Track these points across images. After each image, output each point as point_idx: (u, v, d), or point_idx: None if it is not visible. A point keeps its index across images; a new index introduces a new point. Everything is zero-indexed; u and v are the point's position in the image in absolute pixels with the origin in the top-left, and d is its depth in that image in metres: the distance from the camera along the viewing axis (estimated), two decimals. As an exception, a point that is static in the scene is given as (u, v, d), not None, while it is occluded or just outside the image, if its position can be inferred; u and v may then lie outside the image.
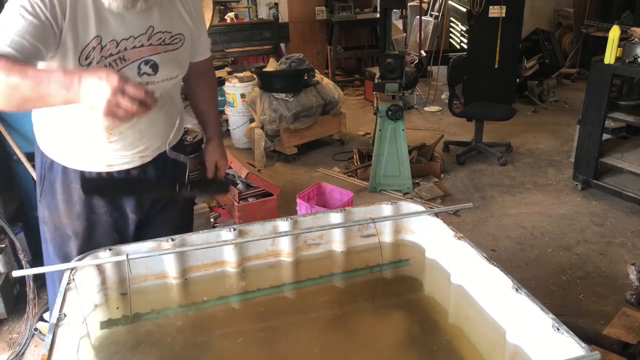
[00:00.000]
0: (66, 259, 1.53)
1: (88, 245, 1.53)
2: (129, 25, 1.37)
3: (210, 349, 1.34)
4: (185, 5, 1.51)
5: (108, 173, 1.52)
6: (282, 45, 7.01)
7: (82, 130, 1.44)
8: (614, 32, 3.50)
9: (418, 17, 7.23)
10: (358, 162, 4.45)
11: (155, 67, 1.44)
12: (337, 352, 1.33)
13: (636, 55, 3.45)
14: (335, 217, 1.63)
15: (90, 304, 1.41)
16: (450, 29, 7.61)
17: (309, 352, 1.33)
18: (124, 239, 1.58)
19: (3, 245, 2.72)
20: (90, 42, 1.32)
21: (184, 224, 1.78)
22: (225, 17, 7.27)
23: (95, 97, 1.08)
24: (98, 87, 1.07)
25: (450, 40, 7.66)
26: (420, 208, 1.67)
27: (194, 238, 1.50)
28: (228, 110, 5.14)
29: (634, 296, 2.62)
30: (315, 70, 5.07)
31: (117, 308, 1.43)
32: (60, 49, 1.30)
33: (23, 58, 1.18)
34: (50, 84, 1.11)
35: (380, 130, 3.93)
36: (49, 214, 1.56)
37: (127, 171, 1.53)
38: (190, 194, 1.70)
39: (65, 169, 1.51)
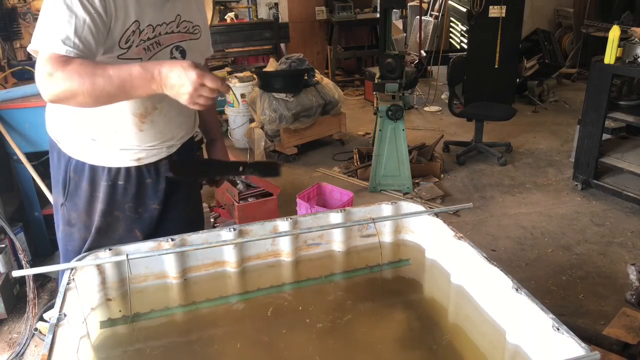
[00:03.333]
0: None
1: (109, 243, 1.51)
2: (161, 13, 1.44)
3: (210, 348, 1.34)
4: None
5: (171, 164, 1.57)
6: (282, 45, 7.00)
7: (113, 123, 1.46)
8: (614, 32, 3.50)
9: (418, 17, 7.22)
10: (358, 162, 4.45)
11: (183, 53, 1.52)
12: (338, 352, 1.33)
13: (636, 55, 3.45)
14: (335, 217, 1.63)
15: (90, 304, 1.41)
16: (450, 29, 7.61)
17: (308, 352, 1.33)
18: (146, 238, 1.57)
19: (3, 245, 2.72)
20: (130, 26, 1.37)
21: (197, 217, 1.83)
22: (225, 17, 7.27)
23: (178, 90, 1.20)
24: (179, 82, 1.18)
25: (450, 40, 7.66)
26: (420, 208, 1.66)
27: (194, 238, 1.50)
28: (228, 110, 5.14)
29: (634, 296, 2.61)
30: (315, 70, 5.06)
31: (119, 310, 1.43)
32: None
33: (91, 55, 1.26)
34: (133, 79, 1.20)
35: (380, 130, 3.93)
36: (77, 215, 1.56)
37: (156, 164, 1.55)
38: (250, 173, 1.85)
39: (92, 167, 1.51)
